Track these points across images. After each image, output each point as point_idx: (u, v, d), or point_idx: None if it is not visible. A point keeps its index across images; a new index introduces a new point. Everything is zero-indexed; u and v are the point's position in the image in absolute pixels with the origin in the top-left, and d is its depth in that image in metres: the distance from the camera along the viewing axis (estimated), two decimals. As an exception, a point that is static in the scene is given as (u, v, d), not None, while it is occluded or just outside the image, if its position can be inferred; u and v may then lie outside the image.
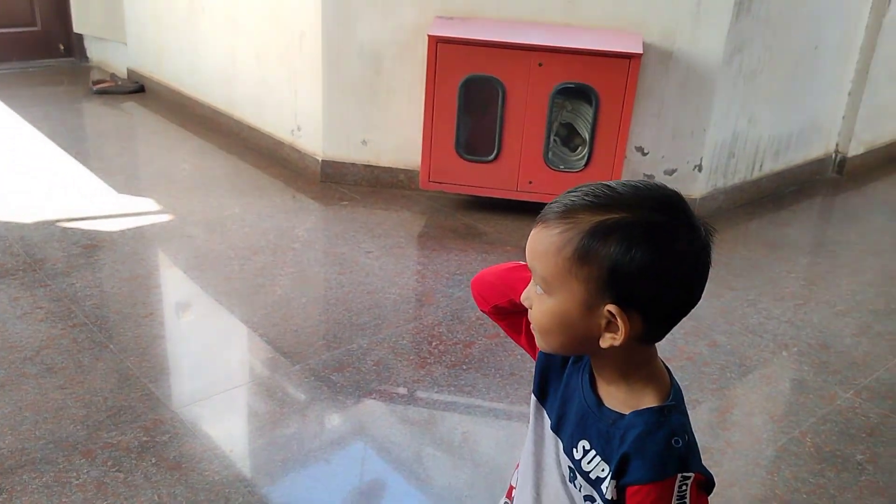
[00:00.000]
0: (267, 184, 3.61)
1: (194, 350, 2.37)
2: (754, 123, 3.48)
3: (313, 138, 3.62)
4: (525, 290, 0.91)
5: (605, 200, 0.82)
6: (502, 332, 1.11)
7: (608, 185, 0.84)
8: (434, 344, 2.38)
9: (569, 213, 0.83)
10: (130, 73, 4.93)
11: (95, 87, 4.75)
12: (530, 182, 3.21)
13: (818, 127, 3.90)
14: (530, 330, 0.92)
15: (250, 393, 2.15)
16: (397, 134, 3.49)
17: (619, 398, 0.89)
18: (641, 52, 2.98)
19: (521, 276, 0.98)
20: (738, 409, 2.17)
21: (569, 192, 0.86)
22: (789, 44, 3.45)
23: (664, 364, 0.93)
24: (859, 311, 2.75)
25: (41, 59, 5.21)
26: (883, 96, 4.07)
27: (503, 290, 1.03)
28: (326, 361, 2.27)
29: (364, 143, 3.55)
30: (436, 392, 2.17)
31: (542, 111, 3.10)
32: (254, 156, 3.89)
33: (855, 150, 4.09)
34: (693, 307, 0.86)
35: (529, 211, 3.26)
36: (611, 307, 0.81)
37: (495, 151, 3.19)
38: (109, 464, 1.80)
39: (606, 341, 0.83)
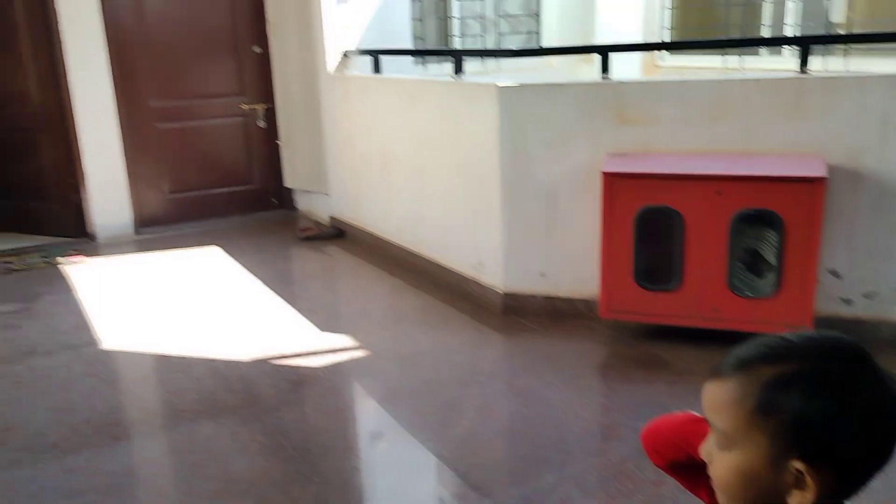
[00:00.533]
0: (453, 318, 3.80)
1: (390, 483, 2.50)
2: (966, 238, 3.21)
3: (494, 273, 3.80)
4: (704, 445, 0.90)
5: (781, 351, 0.83)
6: None
7: (782, 336, 0.85)
8: (622, 481, 2.34)
9: (744, 365, 0.83)
10: (332, 220, 5.47)
11: (302, 234, 5.32)
12: (715, 309, 3.14)
13: None
14: (710, 484, 0.90)
15: (441, 528, 2.22)
16: (575, 265, 3.58)
17: None
18: (825, 175, 2.90)
19: (698, 430, 0.97)
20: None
21: (742, 345, 0.87)
22: None
23: None
24: None
25: (257, 212, 5.93)
26: None
27: (680, 445, 1.02)
28: (514, 497, 2.30)
29: (542, 275, 3.67)
30: (626, 533, 2.12)
31: (723, 238, 3.07)
32: (441, 291, 4.13)
33: None
34: (888, 461, 0.82)
35: (716, 339, 3.19)
36: (797, 463, 0.79)
37: (676, 280, 3.18)
38: None
39: (795, 499, 0.80)
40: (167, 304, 4.12)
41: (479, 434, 2.69)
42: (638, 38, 6.38)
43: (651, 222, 3.18)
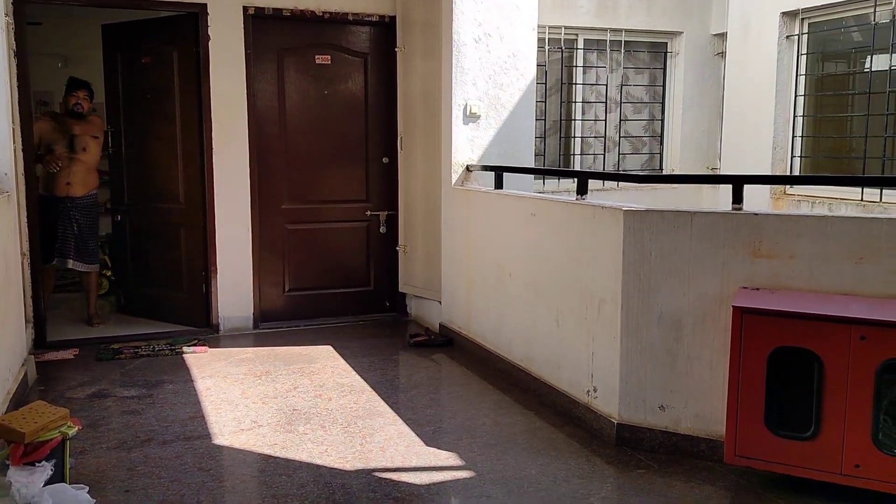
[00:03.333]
0: (562, 444, 3.63)
1: None
2: None
3: (609, 400, 3.63)
4: None
5: None
6: None
7: None
8: None
9: None
10: (442, 327, 5.47)
11: (412, 340, 5.33)
12: (857, 466, 2.86)
13: None
14: None
15: None
16: (698, 401, 3.38)
17: None
18: None
19: None
20: None
21: None
22: None
23: None
24: None
25: (369, 314, 6.02)
26: None
27: None
28: None
29: (662, 408, 3.48)
30: None
31: (868, 388, 2.82)
32: (549, 413, 3.98)
33: None
34: None
35: (855, 498, 2.88)
36: None
37: (813, 428, 2.93)
38: None
39: None
40: (277, 401, 4.16)
41: (588, 580, 2.50)
42: (766, 163, 6.23)
43: (786, 363, 2.98)
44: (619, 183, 6.68)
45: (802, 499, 3.00)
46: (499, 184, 4.83)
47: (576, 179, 4.11)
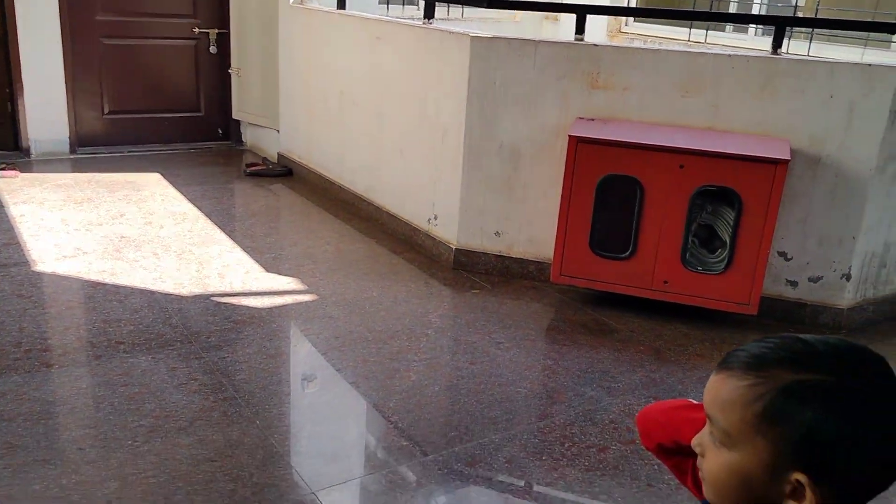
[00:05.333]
0: (402, 268, 3.74)
1: (333, 432, 2.45)
2: (908, 232, 3.32)
3: (449, 227, 3.74)
4: (698, 436, 0.86)
5: (804, 358, 0.77)
6: (638, 439, 1.06)
7: (804, 341, 0.79)
8: (567, 445, 2.35)
9: (761, 365, 0.78)
10: (281, 157, 5.30)
11: (249, 170, 5.14)
12: (665, 282, 3.17)
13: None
14: (697, 473, 0.88)
15: (383, 481, 2.19)
16: (531, 227, 3.56)
17: None
18: (789, 157, 2.93)
19: (688, 417, 0.95)
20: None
21: (757, 341, 0.82)
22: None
23: None
24: None
25: (202, 142, 5.69)
26: None
27: (668, 431, 0.99)
28: (458, 454, 2.29)
29: (497, 234, 3.64)
30: (570, 497, 2.13)
31: (682, 212, 3.08)
32: (391, 241, 4.05)
33: None
34: (890, 485, 0.78)
35: (663, 311, 3.23)
36: (800, 476, 0.75)
37: (630, 249, 3.19)
38: (255, 541, 1.88)
39: None
40: (103, 228, 3.92)
41: (424, 388, 2.66)
42: (604, 2, 6.31)
43: (612, 190, 3.17)
44: (464, 12, 6.55)
45: (617, 311, 3.32)
46: (341, 4, 4.56)
47: (423, 1, 3.96)
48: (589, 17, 3.61)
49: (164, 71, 5.47)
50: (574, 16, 3.56)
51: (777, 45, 3.24)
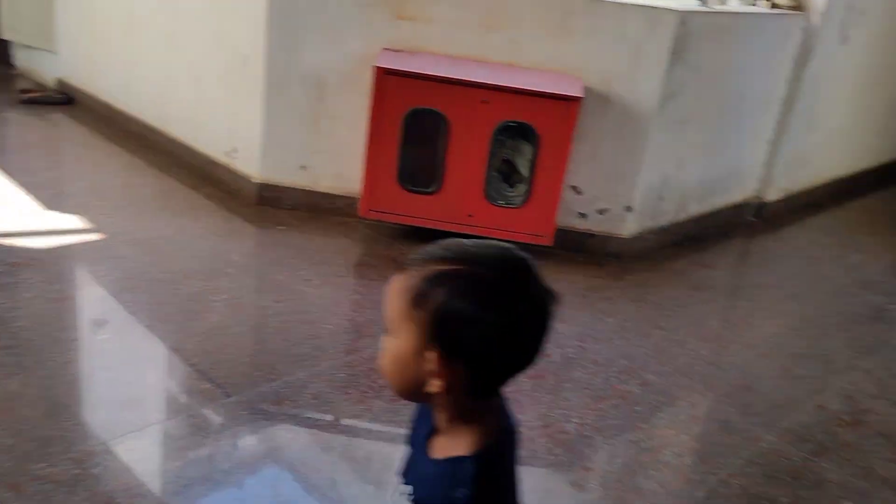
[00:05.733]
0: (200, 205, 3.54)
1: (126, 378, 2.30)
2: (682, 168, 3.64)
3: (250, 161, 3.58)
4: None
5: (453, 253, 0.88)
6: None
7: (460, 242, 0.91)
8: (373, 378, 2.37)
9: (421, 262, 0.89)
10: (59, 83, 4.77)
11: (24, 97, 4.57)
12: (470, 215, 3.26)
13: (740, 173, 4.11)
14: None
15: (184, 425, 2.09)
16: (338, 161, 3.49)
17: (440, 447, 0.93)
18: (582, 95, 3.08)
19: None
20: (668, 450, 2.25)
21: (432, 244, 0.92)
22: (718, 93, 3.63)
23: (510, 421, 0.96)
24: (780, 355, 2.89)
25: (-39, 62, 4.99)
26: (800, 145, 4.31)
27: None
28: (264, 394, 2.24)
29: (303, 168, 3.53)
30: (376, 427, 2.17)
31: (485, 147, 3.16)
32: (186, 175, 3.81)
33: (773, 195, 4.31)
34: (524, 369, 0.89)
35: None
36: (432, 353, 0.85)
37: (437, 184, 3.23)
38: (38, 497, 1.73)
39: (431, 387, 0.88)
40: None
41: (226, 328, 2.56)
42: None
43: (419, 124, 3.17)
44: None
45: (425, 245, 3.36)
46: (124, -88, 4.11)
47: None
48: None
49: None
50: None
51: (573, -15, 3.35)
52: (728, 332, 3.06)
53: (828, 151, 4.70)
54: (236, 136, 3.62)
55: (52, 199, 3.33)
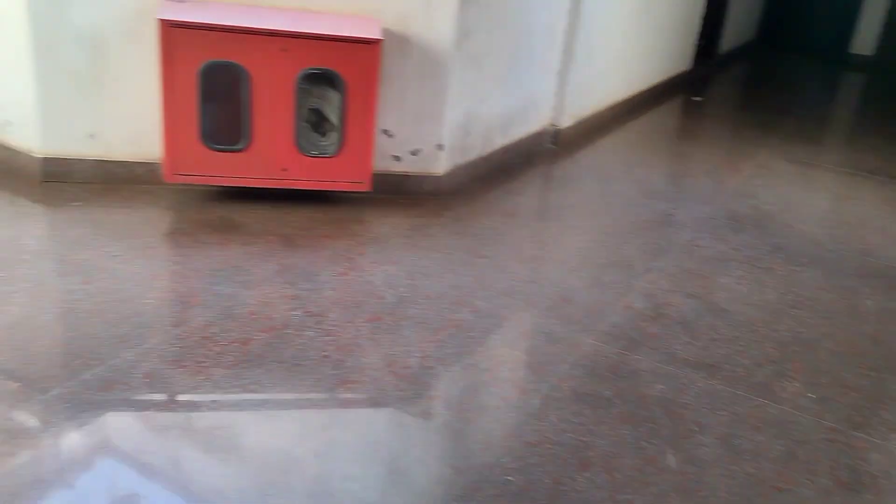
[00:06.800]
0: (-24, 189, 3.16)
1: (-81, 390, 2.04)
2: (484, 103, 3.77)
3: (28, 134, 3.23)
4: None
5: None
6: (279, 324, 1.10)
7: None
8: (209, 346, 2.29)
9: None
10: None
11: None
12: (284, 169, 3.18)
13: (536, 104, 4.33)
14: None
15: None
16: (131, 125, 3.25)
17: None
18: (381, 37, 3.07)
19: None
20: (504, 367, 2.39)
21: None
22: (508, 29, 3.77)
23: None
24: (588, 266, 3.14)
25: None
26: (584, 74, 4.61)
27: None
28: (87, 382, 2.09)
29: (92, 136, 3.25)
30: (219, 395, 2.10)
31: (290, 97, 3.08)
32: (-47, 157, 3.37)
33: (566, 122, 4.60)
34: None
35: (286, 199, 3.26)
36: None
37: (245, 140, 3.11)
38: None
39: None
40: None
41: (31, 319, 2.34)
42: None
43: (217, 79, 3.02)
44: None
45: (241, 204, 3.25)
46: None
47: None
48: None
49: None
50: None
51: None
52: (542, 252, 3.27)
53: (608, 78, 5.09)
54: (7, 107, 3.24)
55: None
